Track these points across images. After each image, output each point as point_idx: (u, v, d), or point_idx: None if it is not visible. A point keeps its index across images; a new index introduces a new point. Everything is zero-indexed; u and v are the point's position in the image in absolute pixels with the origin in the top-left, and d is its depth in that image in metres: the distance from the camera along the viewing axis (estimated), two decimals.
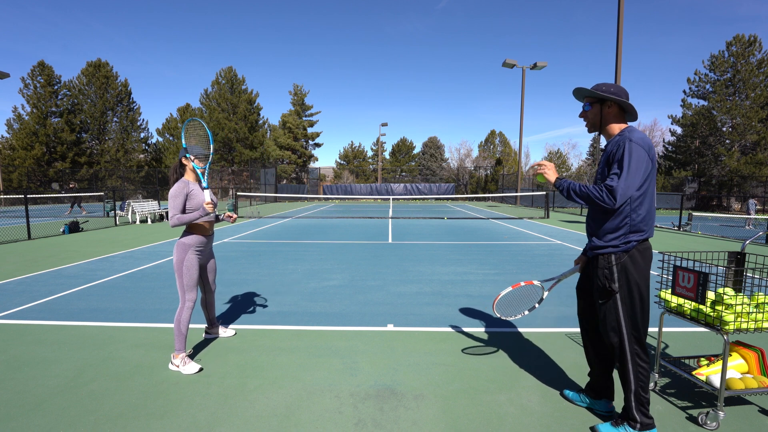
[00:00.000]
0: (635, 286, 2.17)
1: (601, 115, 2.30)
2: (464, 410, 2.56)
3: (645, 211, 2.15)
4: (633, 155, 2.05)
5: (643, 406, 2.20)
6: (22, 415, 2.48)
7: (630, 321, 2.19)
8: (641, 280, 2.18)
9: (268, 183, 34.70)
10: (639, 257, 2.17)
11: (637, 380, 2.19)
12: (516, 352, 3.45)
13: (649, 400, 2.22)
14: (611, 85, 2.26)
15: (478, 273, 6.50)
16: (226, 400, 2.67)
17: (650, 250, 2.21)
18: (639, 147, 2.07)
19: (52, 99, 35.62)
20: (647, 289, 2.21)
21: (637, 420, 2.19)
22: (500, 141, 54.88)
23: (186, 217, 3.03)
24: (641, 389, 2.19)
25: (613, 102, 2.25)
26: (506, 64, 27.32)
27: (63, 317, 4.29)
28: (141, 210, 15.50)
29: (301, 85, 49.54)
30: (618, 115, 2.27)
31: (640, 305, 2.19)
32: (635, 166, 2.05)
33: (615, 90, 2.24)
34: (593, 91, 2.27)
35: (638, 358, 2.19)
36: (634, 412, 2.20)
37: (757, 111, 29.93)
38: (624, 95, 2.24)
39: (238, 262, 7.40)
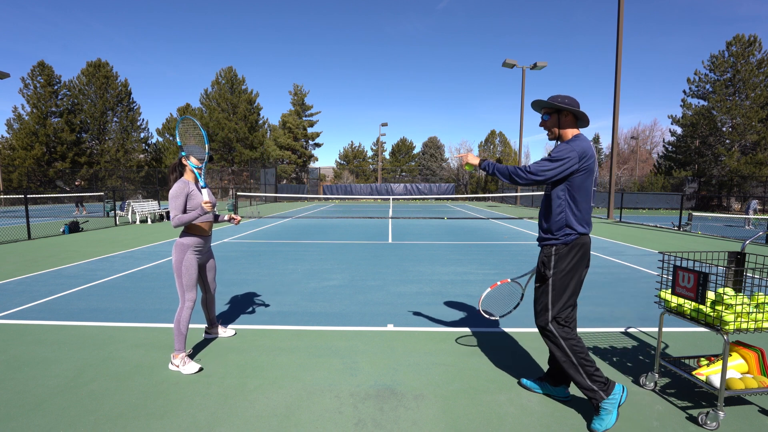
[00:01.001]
0: (567, 276, 2.43)
1: (558, 123, 2.54)
2: (464, 410, 2.56)
3: (582, 209, 2.42)
4: (563, 155, 2.35)
5: (595, 375, 2.37)
6: (22, 415, 2.48)
7: (555, 304, 2.45)
8: (573, 270, 2.44)
9: (268, 183, 34.70)
10: (574, 250, 2.43)
11: (576, 354, 2.39)
12: (516, 352, 3.45)
13: (596, 367, 2.40)
14: (565, 96, 2.52)
15: (478, 273, 6.50)
16: (226, 400, 2.67)
17: (587, 245, 2.47)
18: (572, 151, 2.35)
19: (52, 99, 35.61)
20: (579, 279, 2.47)
21: (596, 389, 2.36)
22: (500, 141, 54.88)
23: (186, 217, 3.04)
24: (584, 360, 2.39)
25: (567, 111, 2.50)
26: (506, 64, 27.30)
27: (63, 317, 4.29)
28: (141, 210, 15.50)
29: (301, 85, 49.59)
30: (572, 123, 2.53)
31: (570, 293, 2.45)
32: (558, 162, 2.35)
33: (569, 101, 2.50)
34: (550, 102, 2.50)
35: (566, 334, 2.43)
36: (589, 382, 2.37)
37: (757, 111, 29.93)
38: (576, 105, 2.50)
39: (238, 262, 7.40)
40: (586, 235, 2.46)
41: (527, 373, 3.07)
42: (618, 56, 16.83)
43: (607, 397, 2.33)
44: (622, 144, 53.60)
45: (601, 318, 4.35)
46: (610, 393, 2.34)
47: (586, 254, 2.47)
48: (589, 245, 2.48)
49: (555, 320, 2.46)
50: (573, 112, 2.48)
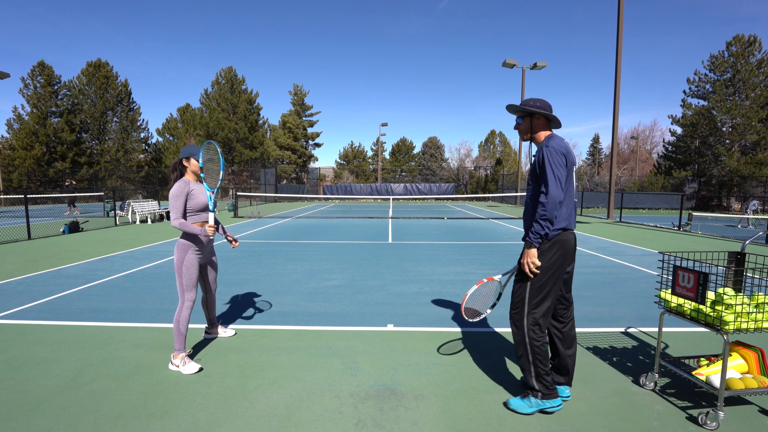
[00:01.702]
0: (547, 271, 2.45)
1: (531, 126, 2.61)
2: (464, 410, 2.56)
3: (566, 207, 2.46)
4: (552, 160, 2.38)
5: (543, 377, 2.46)
6: (22, 415, 2.48)
7: (532, 300, 2.48)
8: (554, 266, 2.46)
9: (268, 183, 34.70)
10: (556, 246, 2.45)
11: (534, 353, 2.47)
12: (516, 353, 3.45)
13: (548, 372, 2.48)
14: (537, 99, 2.60)
15: (478, 273, 6.50)
16: (226, 400, 2.67)
17: (570, 241, 2.49)
18: (556, 152, 2.39)
19: (52, 99, 35.61)
20: (557, 271, 2.47)
21: (537, 389, 2.46)
22: (500, 141, 54.89)
23: (187, 227, 3.06)
24: (539, 362, 2.46)
25: (539, 114, 2.57)
26: (506, 64, 27.30)
27: (63, 317, 4.29)
28: (141, 210, 15.50)
29: (301, 85, 49.56)
30: (544, 125, 2.60)
31: (548, 289, 2.48)
32: (555, 167, 2.37)
33: (540, 104, 2.57)
34: (523, 106, 2.57)
35: (534, 334, 2.47)
36: (534, 381, 2.47)
37: (757, 111, 29.93)
38: (548, 108, 2.57)
39: (238, 262, 7.40)
40: (568, 231, 2.49)
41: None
42: (618, 56, 16.83)
43: (541, 399, 2.46)
44: (622, 144, 53.61)
45: (601, 318, 4.35)
46: (546, 399, 2.46)
47: (569, 250, 2.50)
48: (572, 241, 2.51)
49: (530, 315, 2.48)
50: (545, 115, 2.55)
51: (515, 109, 2.64)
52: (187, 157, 3.15)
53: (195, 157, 3.14)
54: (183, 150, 3.17)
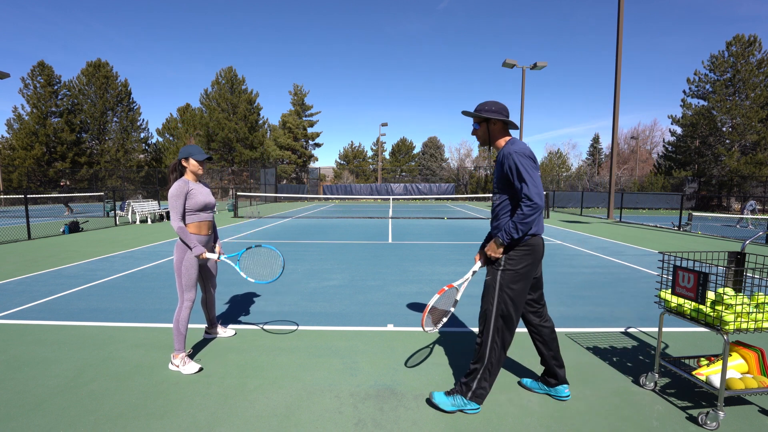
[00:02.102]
0: (517, 274, 2.43)
1: (488, 131, 2.55)
2: (464, 412, 2.56)
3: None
4: (524, 164, 2.33)
5: (486, 381, 2.47)
6: (22, 415, 2.48)
7: (502, 301, 2.44)
8: (524, 269, 2.43)
9: (268, 183, 34.70)
10: (527, 250, 2.43)
11: (491, 356, 2.45)
12: (516, 352, 3.45)
13: (493, 378, 2.49)
14: (492, 103, 2.52)
15: (478, 273, 6.50)
16: (226, 400, 2.67)
17: (540, 245, 2.47)
18: (524, 156, 2.34)
19: (52, 99, 35.62)
20: (527, 279, 2.46)
21: (471, 389, 2.47)
22: None
23: (185, 237, 3.06)
24: (491, 365, 2.46)
25: (495, 120, 2.51)
26: (506, 64, 27.27)
27: (63, 317, 4.29)
28: (141, 210, 15.50)
29: (301, 85, 49.56)
30: (502, 130, 2.55)
31: (518, 290, 2.44)
32: (527, 171, 2.32)
33: (496, 108, 2.51)
34: (476, 113, 2.52)
35: (497, 335, 2.46)
36: (475, 382, 2.46)
37: (757, 111, 29.93)
38: (504, 112, 2.52)
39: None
40: (537, 236, 2.45)
41: (527, 373, 3.07)
42: (618, 56, 16.83)
43: (466, 399, 2.48)
44: (622, 144, 53.61)
45: (601, 318, 4.35)
46: (472, 401, 2.48)
47: (539, 257, 2.48)
48: (541, 246, 2.48)
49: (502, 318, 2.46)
50: (501, 120, 2.50)
51: (470, 115, 2.58)
52: (186, 157, 3.15)
53: (194, 157, 3.14)
54: (182, 150, 3.18)
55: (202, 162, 3.18)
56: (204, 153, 3.21)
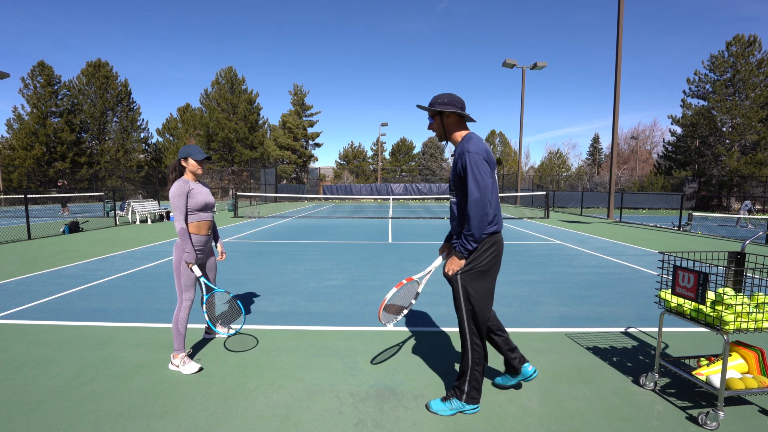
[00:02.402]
0: (480, 273, 2.40)
1: (443, 125, 2.47)
2: (464, 413, 2.56)
3: (492, 208, 2.36)
4: (475, 167, 2.26)
5: (476, 381, 2.47)
6: (22, 415, 2.48)
7: (470, 302, 2.42)
8: (487, 267, 2.41)
9: (268, 183, 34.70)
10: (488, 248, 2.40)
11: (474, 356, 2.45)
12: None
13: (482, 376, 2.48)
14: (445, 95, 2.43)
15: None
16: (226, 400, 2.67)
17: (500, 243, 2.46)
18: (478, 157, 2.28)
19: (52, 99, 35.62)
20: (492, 276, 2.46)
21: (464, 391, 2.47)
22: (500, 141, 54.94)
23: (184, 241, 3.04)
24: (476, 364, 2.46)
25: (449, 113, 2.42)
26: (506, 64, 27.31)
27: (63, 317, 4.29)
28: (141, 210, 15.50)
29: (301, 85, 49.52)
30: (458, 123, 2.46)
31: (482, 290, 2.42)
32: (479, 171, 2.26)
33: (449, 101, 2.41)
34: (429, 107, 2.45)
35: (474, 336, 2.45)
36: (466, 384, 2.47)
37: (757, 111, 29.93)
38: (458, 104, 2.41)
39: (238, 262, 7.40)
40: (498, 233, 2.45)
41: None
42: (618, 56, 16.83)
43: (464, 402, 2.48)
44: (622, 144, 53.62)
45: (601, 318, 4.35)
46: (469, 402, 2.48)
47: (499, 252, 2.45)
48: (502, 243, 2.47)
49: (476, 322, 2.45)
50: (454, 113, 2.42)
51: (424, 108, 2.51)
52: (185, 157, 3.15)
53: (193, 157, 3.14)
54: (181, 150, 3.18)
55: (201, 162, 3.18)
56: (203, 153, 3.20)
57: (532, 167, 56.57)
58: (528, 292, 5.38)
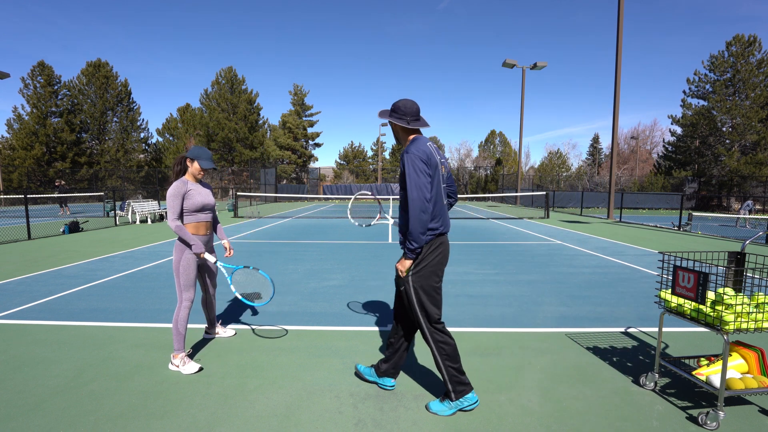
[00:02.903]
0: (427, 273, 2.45)
1: (394, 129, 2.58)
2: (464, 410, 2.56)
3: (436, 210, 2.42)
4: (412, 168, 2.32)
5: (454, 376, 2.48)
6: (22, 415, 2.48)
7: (421, 303, 2.47)
8: (433, 267, 2.46)
9: (268, 183, 34.70)
10: (435, 248, 2.46)
11: (441, 354, 2.48)
12: (516, 352, 3.45)
13: (459, 369, 2.48)
14: (399, 102, 2.50)
15: (478, 273, 6.50)
16: (226, 400, 2.67)
17: (445, 244, 2.50)
18: (416, 159, 2.33)
19: (52, 99, 35.63)
20: (438, 275, 2.49)
21: (450, 390, 2.48)
22: (500, 141, 54.92)
23: (183, 234, 3.05)
24: (448, 361, 2.48)
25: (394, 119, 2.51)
26: (506, 64, 27.31)
27: (63, 317, 4.29)
28: (141, 210, 15.51)
29: (301, 85, 49.55)
30: (406, 129, 2.53)
31: (432, 289, 2.47)
32: (415, 172, 2.32)
33: (402, 109, 2.48)
34: (380, 115, 2.54)
35: (435, 334, 2.49)
36: (448, 384, 2.48)
37: (757, 111, 29.94)
38: (403, 112, 2.47)
39: (238, 262, 7.40)
40: (443, 234, 2.50)
41: (525, 373, 3.07)
42: (618, 56, 16.83)
43: (455, 400, 2.48)
44: (622, 144, 53.62)
45: (601, 318, 4.35)
46: (460, 397, 2.48)
47: (445, 252, 2.51)
48: (447, 244, 2.52)
49: (430, 320, 2.48)
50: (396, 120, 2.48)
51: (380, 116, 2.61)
52: (192, 158, 3.15)
53: (199, 162, 3.14)
54: (193, 149, 3.17)
55: (206, 169, 3.20)
56: (212, 163, 3.21)
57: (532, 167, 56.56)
58: (528, 292, 5.38)
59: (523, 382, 2.93)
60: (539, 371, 3.09)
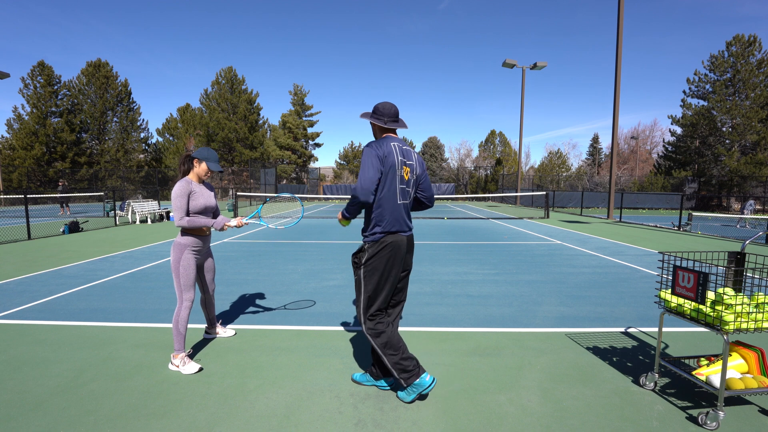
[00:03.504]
0: (374, 269, 2.60)
1: (373, 129, 2.79)
2: (464, 410, 2.56)
3: (384, 209, 2.58)
4: (363, 157, 2.54)
5: (398, 364, 2.56)
6: (22, 415, 2.48)
7: (366, 295, 2.62)
8: (379, 264, 2.59)
9: (268, 183, 34.70)
10: (380, 249, 2.59)
11: (377, 344, 2.59)
12: (516, 352, 3.45)
13: (402, 357, 2.56)
14: (379, 105, 2.69)
15: (478, 273, 6.50)
16: (226, 400, 2.67)
17: (394, 246, 2.60)
18: (369, 149, 2.53)
19: (52, 99, 35.64)
20: (384, 272, 2.61)
21: (398, 378, 2.57)
22: (500, 141, 54.90)
23: (197, 222, 3.08)
24: (388, 350, 2.57)
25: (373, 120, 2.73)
26: (506, 64, 27.31)
27: (63, 317, 4.29)
28: (141, 210, 15.50)
29: (301, 85, 49.52)
30: (380, 129, 2.72)
31: (375, 284, 2.61)
32: (365, 165, 2.51)
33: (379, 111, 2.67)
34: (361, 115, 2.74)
35: (369, 322, 2.63)
36: (394, 374, 2.57)
37: (757, 111, 29.94)
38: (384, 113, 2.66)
39: (238, 262, 7.40)
40: (393, 233, 2.61)
41: (525, 373, 3.07)
42: (618, 56, 16.83)
43: (408, 386, 2.56)
44: (622, 144, 53.62)
45: (601, 318, 4.35)
46: (414, 383, 2.55)
47: (396, 252, 2.60)
48: (399, 243, 2.61)
49: (366, 314, 2.63)
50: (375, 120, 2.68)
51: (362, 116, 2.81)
52: (200, 158, 3.16)
53: (208, 164, 3.17)
54: (201, 150, 3.18)
55: (213, 172, 3.23)
56: (219, 166, 3.24)
57: (532, 167, 56.55)
58: (528, 292, 5.38)
59: (523, 382, 2.93)
60: (539, 371, 3.09)
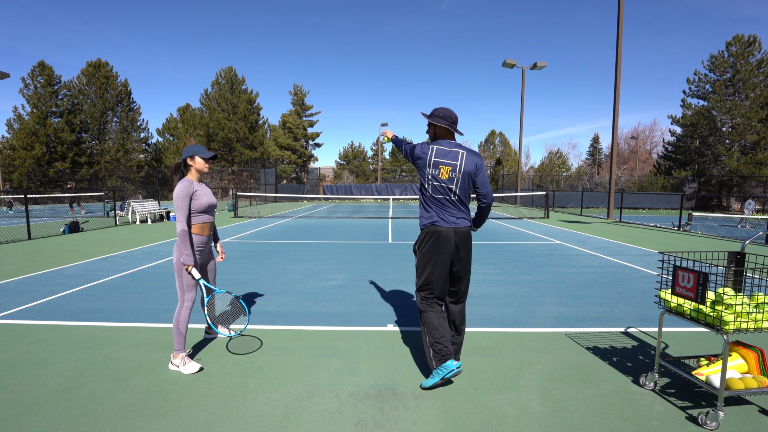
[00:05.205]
0: (423, 254, 2.93)
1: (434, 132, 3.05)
2: (464, 410, 2.56)
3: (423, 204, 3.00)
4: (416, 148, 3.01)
5: (433, 345, 2.79)
6: (22, 415, 2.48)
7: (417, 272, 2.98)
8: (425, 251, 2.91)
9: (268, 183, 34.69)
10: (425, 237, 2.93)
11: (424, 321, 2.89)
12: (516, 352, 3.45)
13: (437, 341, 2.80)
14: (441, 110, 2.98)
15: (478, 273, 6.50)
16: (226, 400, 2.67)
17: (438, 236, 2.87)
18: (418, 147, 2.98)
19: (52, 99, 35.62)
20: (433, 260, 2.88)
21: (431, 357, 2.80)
22: (500, 141, 54.89)
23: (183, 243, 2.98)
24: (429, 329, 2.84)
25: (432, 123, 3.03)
26: (506, 64, 27.31)
27: (63, 317, 4.29)
28: (141, 210, 15.50)
29: (301, 85, 49.50)
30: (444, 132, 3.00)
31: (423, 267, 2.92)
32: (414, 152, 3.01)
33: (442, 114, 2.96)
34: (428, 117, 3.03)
35: (421, 302, 2.94)
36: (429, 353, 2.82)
37: (757, 111, 29.94)
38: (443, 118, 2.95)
39: (238, 262, 7.40)
40: (436, 226, 2.88)
41: (525, 373, 3.07)
42: (618, 56, 16.83)
43: (436, 368, 2.75)
44: (622, 144, 53.61)
45: (601, 318, 4.35)
46: (439, 366, 2.74)
47: (437, 243, 2.86)
48: (443, 233, 2.85)
49: (418, 291, 2.95)
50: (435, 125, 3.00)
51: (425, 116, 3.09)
52: (191, 155, 3.14)
53: (200, 155, 3.13)
54: (186, 149, 3.16)
55: (209, 160, 3.17)
56: (209, 151, 3.20)
57: (532, 167, 56.57)
58: (528, 292, 5.38)
59: (523, 382, 2.93)
60: (539, 371, 3.09)
